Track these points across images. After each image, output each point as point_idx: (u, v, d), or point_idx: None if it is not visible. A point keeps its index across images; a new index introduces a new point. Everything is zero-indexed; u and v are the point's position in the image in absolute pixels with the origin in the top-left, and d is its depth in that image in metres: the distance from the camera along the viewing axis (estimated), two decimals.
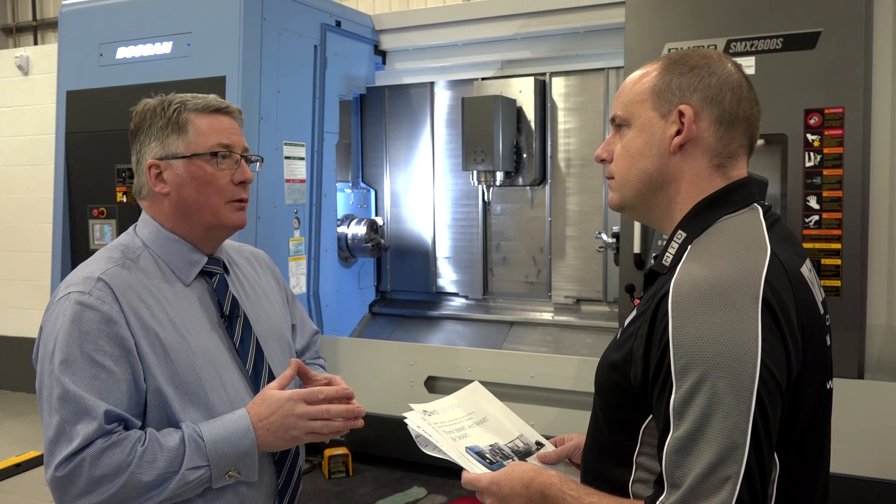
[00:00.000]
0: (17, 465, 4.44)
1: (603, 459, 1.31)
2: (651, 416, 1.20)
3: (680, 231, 1.28)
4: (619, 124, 1.35)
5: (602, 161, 1.39)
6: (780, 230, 1.28)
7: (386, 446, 4.00)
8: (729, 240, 1.22)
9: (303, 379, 1.67)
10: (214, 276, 1.66)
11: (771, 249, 1.19)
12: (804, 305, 1.19)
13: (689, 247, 1.24)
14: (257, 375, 1.63)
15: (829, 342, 1.28)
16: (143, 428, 1.49)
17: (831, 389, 1.29)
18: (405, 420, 1.47)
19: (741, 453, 1.06)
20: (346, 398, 1.60)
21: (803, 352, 1.16)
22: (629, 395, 1.22)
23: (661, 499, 1.10)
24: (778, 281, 1.15)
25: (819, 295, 1.29)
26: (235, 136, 1.64)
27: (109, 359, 1.45)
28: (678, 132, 1.27)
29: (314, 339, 1.97)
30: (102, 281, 1.50)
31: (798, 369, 1.15)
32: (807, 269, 1.27)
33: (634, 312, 1.31)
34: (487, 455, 1.39)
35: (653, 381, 1.16)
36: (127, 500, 1.41)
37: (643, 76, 1.33)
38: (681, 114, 1.26)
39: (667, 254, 1.28)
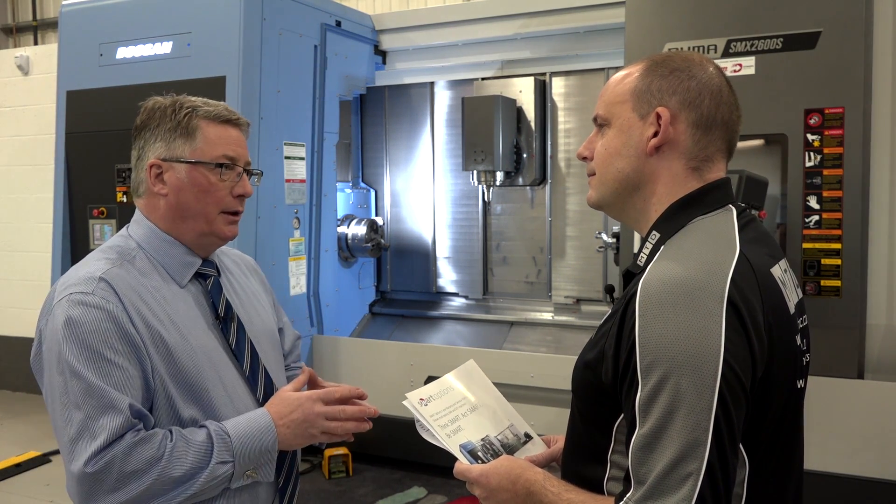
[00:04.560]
0: (17, 465, 4.44)
1: (580, 458, 1.33)
2: (623, 414, 1.21)
3: (654, 231, 1.30)
4: (600, 124, 1.36)
5: (584, 159, 1.41)
6: (754, 231, 1.29)
7: (386, 446, 4.00)
8: (698, 240, 1.24)
9: (311, 386, 1.77)
10: (209, 278, 1.66)
11: (740, 250, 1.20)
12: (772, 306, 1.20)
13: (662, 247, 1.26)
14: (254, 375, 1.64)
15: (799, 341, 1.29)
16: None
17: (803, 389, 1.31)
18: (404, 403, 1.51)
19: (703, 450, 1.07)
20: (359, 397, 1.66)
21: (770, 351, 1.17)
22: (602, 394, 1.24)
23: (627, 495, 1.12)
24: (744, 281, 1.16)
25: (793, 295, 1.30)
26: (241, 148, 1.65)
27: (121, 356, 1.44)
28: (655, 134, 1.28)
29: (296, 343, 2.00)
30: (105, 281, 1.49)
31: (763, 369, 1.16)
32: (780, 270, 1.28)
33: (609, 312, 1.33)
34: (479, 454, 1.45)
35: (621, 380, 1.18)
36: (155, 497, 1.42)
37: (625, 77, 1.34)
38: (658, 116, 1.28)
39: (641, 254, 1.30)
